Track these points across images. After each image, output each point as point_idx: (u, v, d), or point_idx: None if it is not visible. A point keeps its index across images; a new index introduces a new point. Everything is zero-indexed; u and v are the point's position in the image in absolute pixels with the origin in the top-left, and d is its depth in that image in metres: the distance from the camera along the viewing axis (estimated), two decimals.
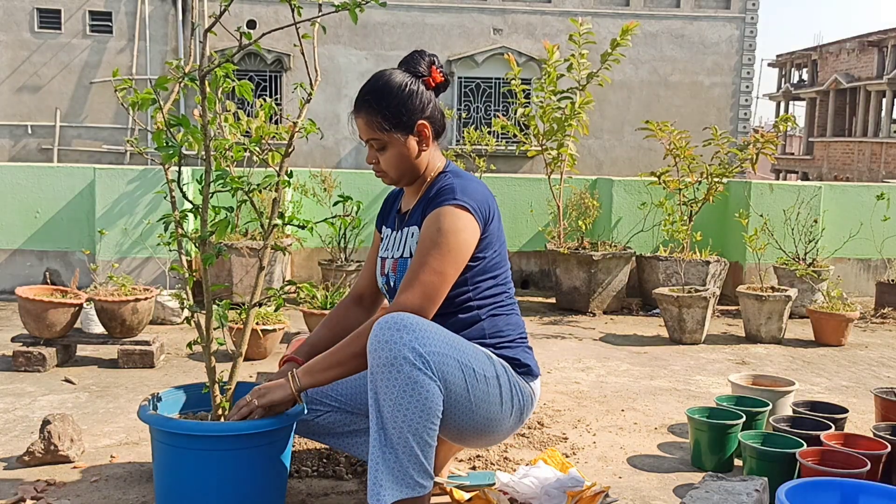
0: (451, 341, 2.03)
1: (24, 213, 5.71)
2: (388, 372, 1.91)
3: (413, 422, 1.91)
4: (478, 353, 2.11)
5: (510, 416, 2.18)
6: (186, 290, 2.24)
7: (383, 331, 1.93)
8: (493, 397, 2.11)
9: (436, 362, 1.95)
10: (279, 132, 5.39)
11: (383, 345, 1.92)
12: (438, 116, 2.24)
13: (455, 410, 2.04)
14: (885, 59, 24.12)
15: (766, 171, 27.11)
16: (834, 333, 4.84)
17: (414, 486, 1.93)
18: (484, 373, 2.09)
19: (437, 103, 2.25)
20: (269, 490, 2.18)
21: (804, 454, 2.43)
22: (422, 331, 1.95)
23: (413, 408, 1.91)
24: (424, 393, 1.91)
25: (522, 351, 2.28)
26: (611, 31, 12.88)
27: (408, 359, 1.90)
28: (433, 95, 2.23)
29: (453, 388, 2.00)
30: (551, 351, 4.52)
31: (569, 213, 6.20)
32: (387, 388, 1.91)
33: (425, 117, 2.20)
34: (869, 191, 6.52)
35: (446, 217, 2.11)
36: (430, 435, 1.95)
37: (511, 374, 2.19)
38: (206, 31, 2.07)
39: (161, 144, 2.06)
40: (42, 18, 12.98)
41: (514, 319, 2.31)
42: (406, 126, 2.18)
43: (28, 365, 3.79)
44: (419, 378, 1.91)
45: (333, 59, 13.10)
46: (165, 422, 2.11)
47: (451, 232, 2.10)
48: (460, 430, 2.12)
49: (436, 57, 2.27)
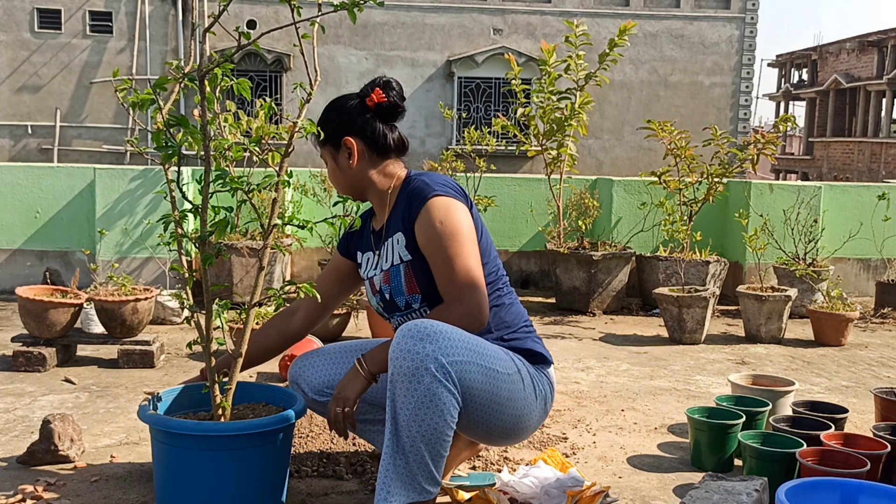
0: (472, 346, 2.03)
1: (24, 213, 5.71)
2: (409, 382, 1.92)
3: (427, 433, 1.93)
4: (497, 351, 2.13)
5: (536, 408, 2.22)
6: (186, 290, 2.24)
7: (406, 339, 1.94)
8: (518, 393, 2.13)
9: (458, 371, 1.96)
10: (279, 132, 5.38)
11: (405, 354, 1.92)
12: (375, 134, 2.29)
13: (482, 413, 2.06)
14: (884, 59, 24.12)
15: (766, 171, 27.11)
16: (834, 333, 4.84)
17: (421, 492, 1.97)
18: (506, 370, 2.11)
19: (380, 124, 2.30)
20: (269, 490, 2.18)
21: (804, 454, 2.43)
22: (445, 340, 1.96)
23: (429, 419, 1.92)
24: (442, 406, 1.93)
25: (531, 340, 2.31)
26: (610, 31, 12.88)
27: (429, 370, 1.91)
28: (372, 115, 2.29)
29: (477, 392, 2.02)
30: (551, 351, 4.49)
31: (569, 213, 6.20)
32: (405, 398, 1.92)
33: (353, 134, 2.27)
34: (869, 191, 6.52)
35: (437, 209, 2.14)
36: (442, 446, 1.97)
37: (528, 367, 2.23)
38: (206, 31, 2.07)
39: (161, 144, 2.06)
40: (42, 18, 12.99)
41: (516, 309, 2.33)
42: (333, 140, 2.29)
43: (28, 365, 3.79)
44: (438, 391, 1.92)
45: (333, 59, 13.11)
46: (165, 422, 2.11)
47: (450, 218, 2.14)
48: (490, 431, 2.14)
49: (394, 81, 2.34)
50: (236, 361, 2.18)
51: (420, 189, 2.20)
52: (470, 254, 2.13)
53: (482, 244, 2.25)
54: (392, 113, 2.32)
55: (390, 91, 2.30)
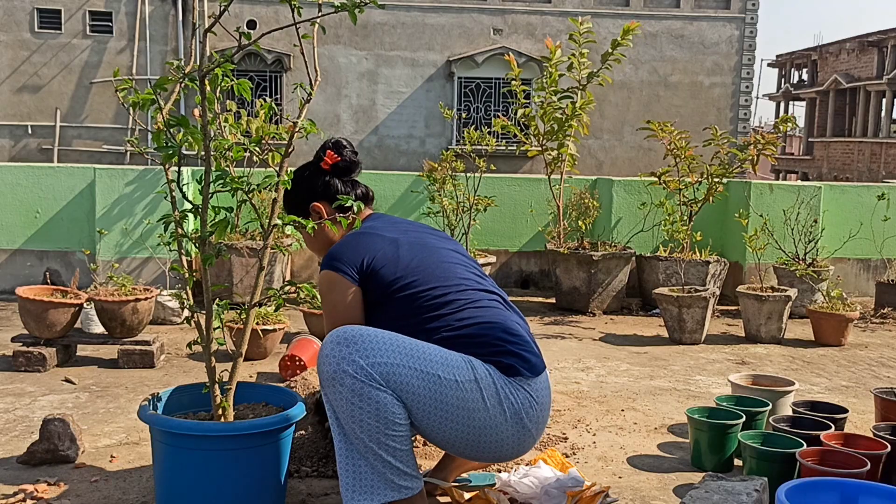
0: (405, 349, 2.00)
1: (24, 213, 5.71)
2: (332, 386, 1.96)
3: (371, 431, 1.94)
4: (446, 357, 2.04)
5: (505, 423, 2.07)
6: (186, 290, 2.24)
7: (326, 345, 2.00)
8: (472, 402, 2.02)
9: (383, 373, 1.95)
10: (279, 132, 5.38)
11: (325, 359, 1.98)
12: (332, 192, 2.39)
13: (430, 420, 2.01)
14: (885, 59, 24.12)
15: (766, 172, 27.10)
16: (834, 333, 4.84)
17: (398, 489, 1.97)
18: (454, 377, 2.01)
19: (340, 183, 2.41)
20: (269, 490, 2.18)
21: (804, 454, 2.43)
22: (367, 342, 1.97)
23: (367, 418, 1.94)
24: (374, 403, 1.93)
25: (507, 353, 2.13)
26: (611, 31, 12.88)
27: (347, 372, 1.94)
28: (331, 176, 2.41)
29: (416, 396, 1.98)
30: (551, 351, 4.52)
31: (569, 213, 6.19)
32: (337, 401, 1.96)
33: (318, 198, 2.39)
34: (869, 191, 6.52)
35: (319, 282, 2.26)
36: (395, 440, 1.96)
37: (497, 377, 2.08)
38: (206, 31, 2.07)
39: (161, 144, 2.06)
40: (42, 18, 12.98)
41: (488, 321, 2.16)
42: (302, 211, 2.39)
43: (28, 365, 3.79)
44: (363, 390, 1.93)
45: (333, 59, 13.10)
46: (165, 422, 2.11)
47: (323, 294, 2.23)
48: (451, 441, 2.07)
49: (344, 140, 2.46)
50: (237, 361, 2.18)
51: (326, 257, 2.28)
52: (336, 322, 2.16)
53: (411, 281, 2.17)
54: (348, 170, 2.43)
55: (342, 150, 2.41)
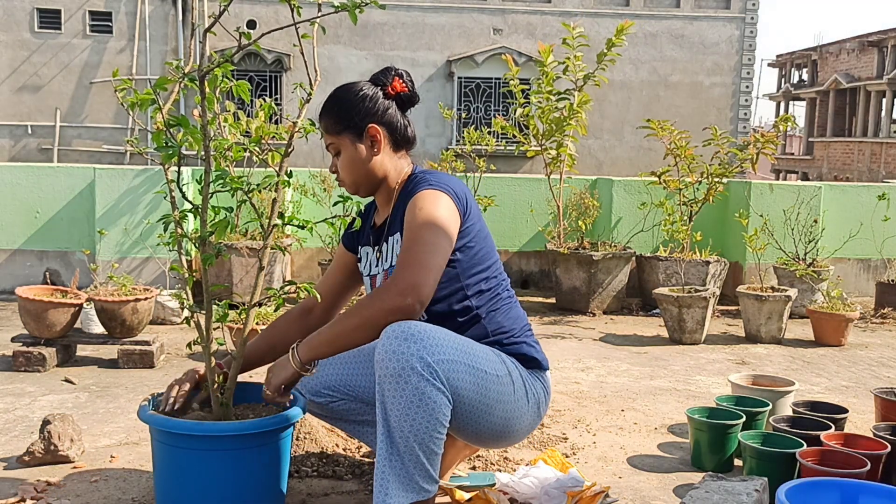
0: (460, 345, 2.02)
1: (24, 213, 5.71)
2: (396, 383, 1.90)
3: (420, 432, 1.91)
4: (487, 352, 2.11)
5: (528, 413, 2.19)
6: (186, 290, 2.24)
7: (390, 340, 1.91)
8: (507, 395, 2.11)
9: (445, 370, 1.93)
10: (279, 132, 5.38)
11: (391, 355, 1.90)
12: (398, 125, 2.25)
13: (471, 414, 2.04)
14: (885, 59, 24.13)
15: (766, 171, 27.11)
16: (834, 333, 4.84)
17: (419, 491, 1.96)
18: (496, 372, 2.09)
19: (399, 115, 2.25)
20: (269, 490, 2.18)
21: (804, 454, 2.43)
22: (430, 339, 1.93)
23: (420, 419, 1.91)
24: (432, 404, 1.91)
25: (527, 345, 2.27)
26: (610, 31, 12.78)
27: (416, 370, 1.89)
28: (393, 105, 2.24)
29: (465, 393, 2.00)
30: (551, 351, 4.52)
31: (569, 213, 6.20)
32: (394, 399, 1.91)
33: (377, 122, 2.21)
34: (869, 191, 6.52)
35: (425, 198, 2.11)
36: (436, 444, 1.95)
37: (522, 370, 2.20)
38: (206, 31, 2.07)
39: (161, 144, 2.06)
40: (42, 18, 12.98)
41: (515, 313, 2.30)
42: (356, 128, 2.20)
43: (28, 365, 3.79)
44: (427, 389, 1.90)
45: (333, 59, 13.11)
46: (165, 422, 2.11)
47: (433, 208, 2.08)
48: (479, 433, 2.12)
49: (405, 72, 2.28)
50: (236, 361, 2.18)
51: (418, 185, 2.17)
52: (437, 241, 2.04)
53: (481, 251, 2.21)
54: (410, 103, 2.29)
55: (407, 81, 2.27)
